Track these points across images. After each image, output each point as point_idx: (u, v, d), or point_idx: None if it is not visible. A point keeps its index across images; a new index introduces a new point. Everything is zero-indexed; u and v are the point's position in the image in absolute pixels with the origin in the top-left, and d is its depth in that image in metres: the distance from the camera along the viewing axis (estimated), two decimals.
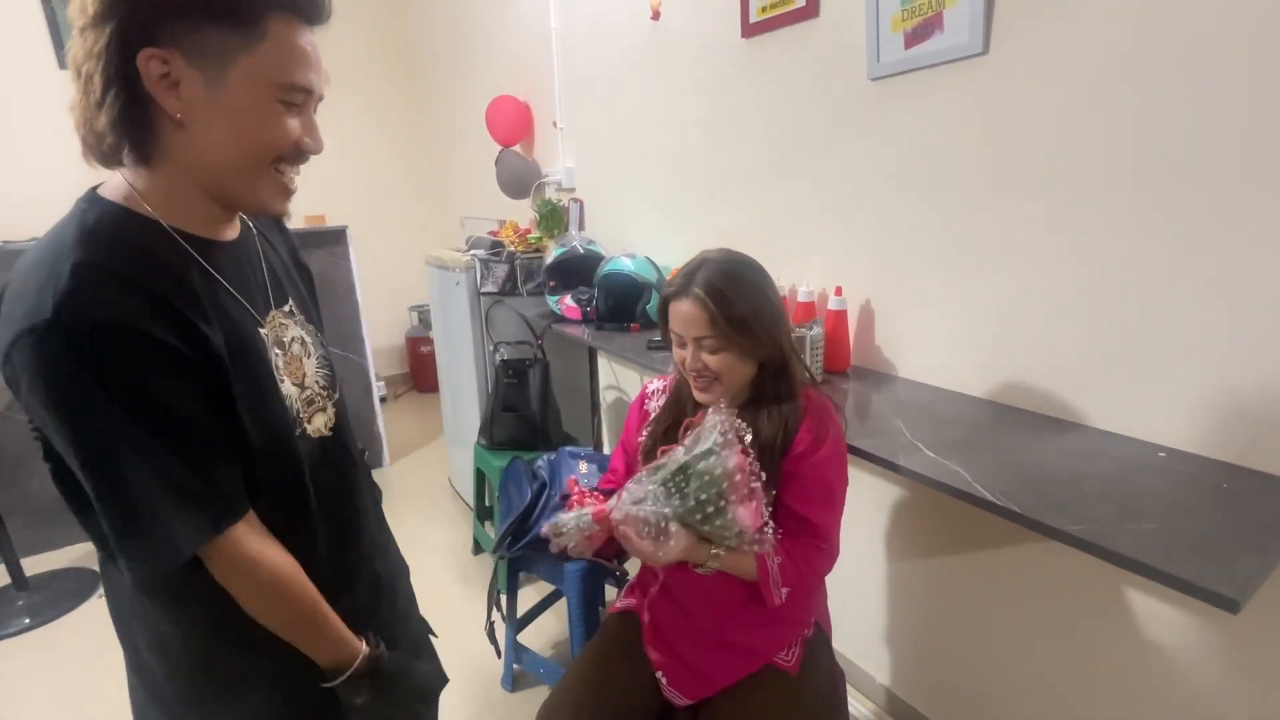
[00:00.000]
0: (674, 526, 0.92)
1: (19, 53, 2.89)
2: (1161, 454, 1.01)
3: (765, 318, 0.98)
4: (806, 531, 1.01)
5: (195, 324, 0.63)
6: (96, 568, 2.47)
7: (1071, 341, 1.14)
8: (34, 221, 2.81)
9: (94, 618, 2.22)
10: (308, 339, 0.81)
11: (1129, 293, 1.05)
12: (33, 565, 2.36)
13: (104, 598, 2.42)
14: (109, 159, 0.64)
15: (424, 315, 4.19)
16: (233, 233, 0.75)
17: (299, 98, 0.66)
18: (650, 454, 1.07)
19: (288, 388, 0.75)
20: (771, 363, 1.00)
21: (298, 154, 0.68)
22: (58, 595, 2.29)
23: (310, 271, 0.92)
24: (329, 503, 0.80)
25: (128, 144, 0.63)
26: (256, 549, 0.68)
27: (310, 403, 0.79)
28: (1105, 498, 0.90)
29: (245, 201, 0.70)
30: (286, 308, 0.79)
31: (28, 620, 2.18)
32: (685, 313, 0.98)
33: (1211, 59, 0.91)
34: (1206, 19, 0.91)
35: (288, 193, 0.71)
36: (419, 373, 4.24)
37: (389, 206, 4.14)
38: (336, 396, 0.84)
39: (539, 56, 2.61)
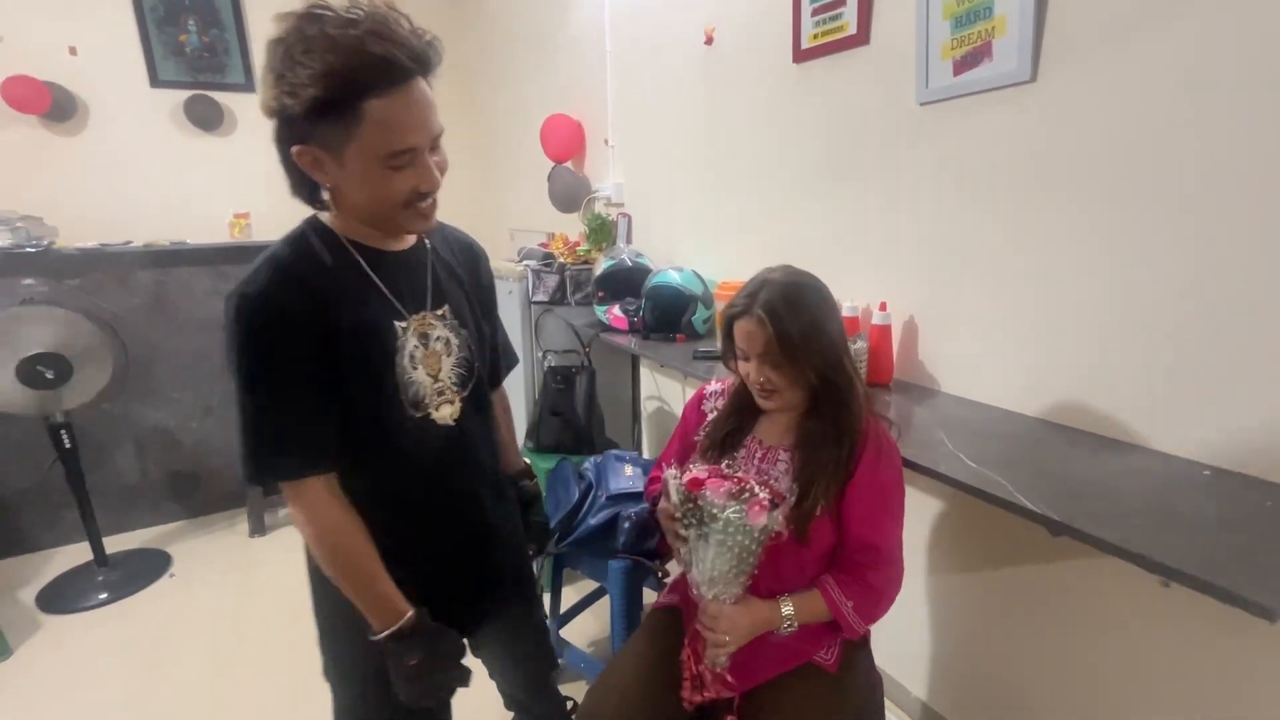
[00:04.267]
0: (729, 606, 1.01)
1: (116, 72, 3.15)
2: (1206, 472, 1.03)
3: (823, 338, 1.02)
4: (872, 561, 1.05)
5: (331, 311, 0.84)
6: (168, 549, 2.65)
7: (1116, 361, 1.16)
8: (129, 225, 3.07)
9: (167, 595, 2.38)
10: (454, 341, 0.96)
11: (1174, 313, 1.07)
12: (112, 545, 2.54)
13: (174, 577, 2.60)
14: (307, 204, 0.90)
15: None
16: (402, 245, 0.95)
17: (403, 160, 0.80)
18: (706, 453, 1.13)
19: (420, 375, 0.92)
20: (830, 380, 1.04)
21: (419, 195, 0.84)
22: (134, 573, 2.46)
23: (491, 290, 1.12)
24: (435, 481, 0.96)
25: (309, 197, 0.88)
26: (324, 503, 0.86)
27: (440, 393, 0.94)
28: (1147, 511, 0.92)
29: (392, 230, 0.91)
30: (441, 311, 0.96)
31: (106, 595, 2.35)
32: (748, 331, 1.03)
33: (1261, 87, 0.94)
34: (1256, 50, 0.94)
35: (422, 218, 0.88)
36: None
37: (441, 218, 4.32)
38: (466, 394, 0.98)
39: (593, 78, 2.72)
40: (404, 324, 0.90)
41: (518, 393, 2.54)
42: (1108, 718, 1.24)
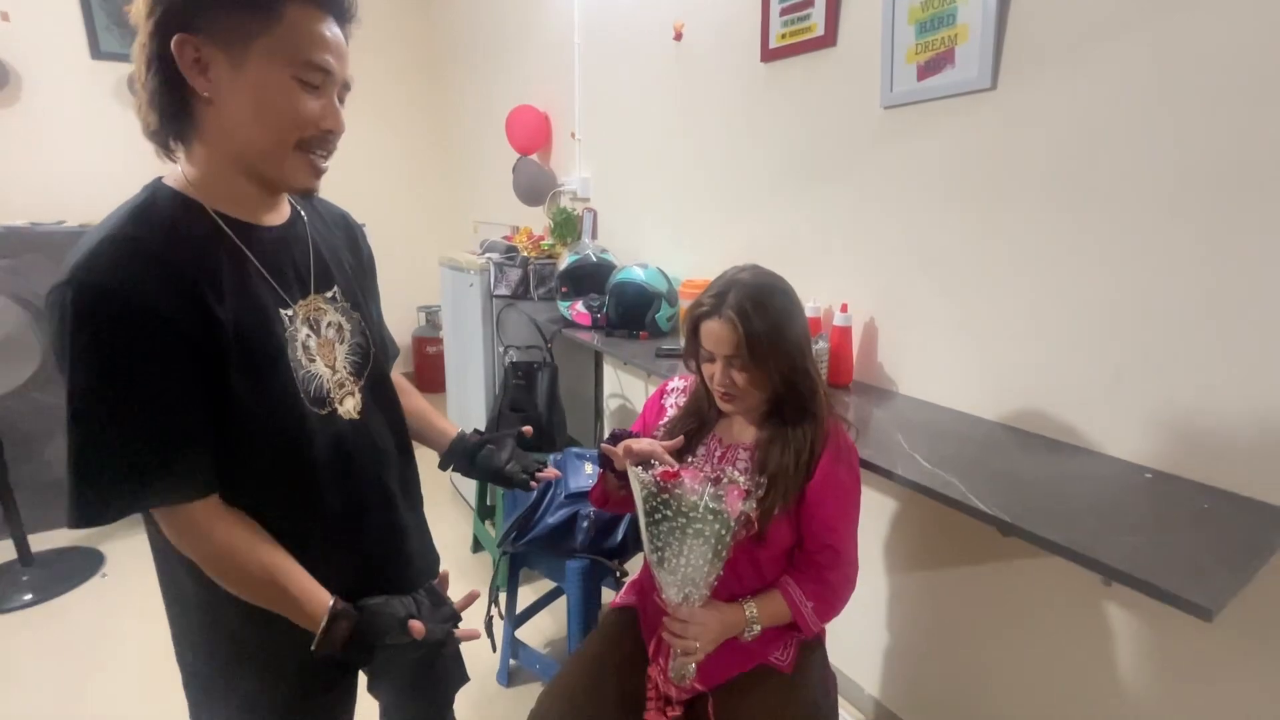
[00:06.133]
0: (698, 610, 0.98)
1: (53, 42, 2.97)
2: (1148, 475, 1.06)
3: (789, 341, 1.02)
4: (831, 562, 1.05)
5: (205, 299, 0.68)
6: (100, 548, 2.51)
7: (1065, 366, 1.19)
8: (62, 204, 2.90)
9: (96, 597, 2.25)
10: (345, 326, 0.85)
11: (1121, 321, 1.10)
12: (39, 542, 2.39)
13: (106, 578, 2.42)
14: (161, 143, 0.72)
15: (431, 316, 4.25)
16: (277, 218, 0.80)
17: (316, 78, 0.70)
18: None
19: (319, 368, 0.80)
20: (793, 382, 1.03)
21: (322, 136, 0.73)
22: (61, 573, 2.32)
23: (373, 262, 0.99)
24: (344, 482, 0.82)
25: (167, 124, 0.70)
26: (210, 522, 0.71)
27: (341, 385, 0.83)
28: (1092, 512, 0.95)
29: (272, 179, 0.75)
30: (329, 294, 0.84)
31: (30, 596, 2.21)
32: (716, 332, 1.01)
33: (1204, 100, 0.97)
34: (1199, 63, 0.97)
35: (315, 171, 0.75)
36: (424, 372, 4.29)
37: (403, 208, 4.21)
38: (362, 383, 0.86)
39: (561, 69, 2.69)
40: (290, 311, 0.77)
41: (477, 388, 2.49)
42: (1053, 712, 1.28)
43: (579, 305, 2.16)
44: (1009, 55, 1.20)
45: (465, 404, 2.68)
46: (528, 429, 1.13)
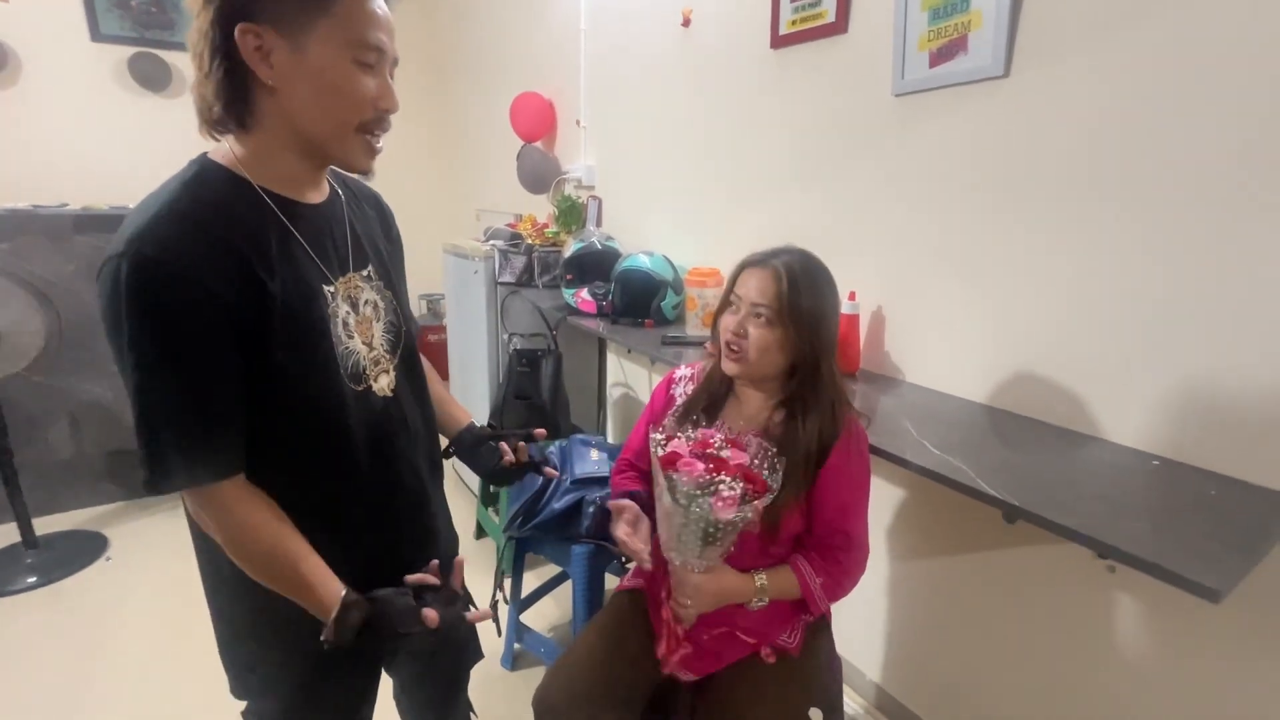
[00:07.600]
0: (697, 576, 1.00)
1: (53, 23, 2.95)
2: (1155, 462, 1.07)
3: (819, 319, 1.04)
4: (843, 545, 1.07)
5: (256, 273, 0.70)
6: (104, 531, 2.52)
7: (1073, 355, 1.19)
8: (64, 187, 2.88)
9: (100, 580, 2.26)
10: (381, 304, 0.87)
11: (1130, 309, 1.11)
12: (43, 525, 2.40)
13: (110, 561, 2.43)
14: (215, 126, 0.72)
15: (433, 304, 4.24)
16: (319, 196, 0.82)
17: (372, 57, 0.72)
18: (681, 421, 1.12)
19: (356, 344, 0.82)
20: (808, 369, 1.05)
21: (379, 118, 0.75)
22: (65, 556, 2.33)
23: (401, 244, 1.00)
24: (379, 458, 0.85)
25: (230, 111, 0.71)
26: (238, 501, 0.73)
27: (376, 363, 0.85)
28: (1100, 498, 0.95)
29: (332, 158, 0.78)
30: (365, 272, 0.86)
31: (34, 579, 2.22)
32: (758, 278, 1.04)
33: (1217, 86, 0.97)
34: (1214, 51, 0.97)
35: (372, 152, 0.78)
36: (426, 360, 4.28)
37: (403, 195, 4.15)
38: (397, 361, 0.89)
39: (566, 56, 2.67)
40: (331, 288, 0.79)
41: (480, 375, 2.49)
42: (1057, 699, 1.29)
43: (584, 293, 2.16)
44: (1022, 43, 1.19)
45: (468, 391, 2.68)
46: (541, 431, 1.12)
